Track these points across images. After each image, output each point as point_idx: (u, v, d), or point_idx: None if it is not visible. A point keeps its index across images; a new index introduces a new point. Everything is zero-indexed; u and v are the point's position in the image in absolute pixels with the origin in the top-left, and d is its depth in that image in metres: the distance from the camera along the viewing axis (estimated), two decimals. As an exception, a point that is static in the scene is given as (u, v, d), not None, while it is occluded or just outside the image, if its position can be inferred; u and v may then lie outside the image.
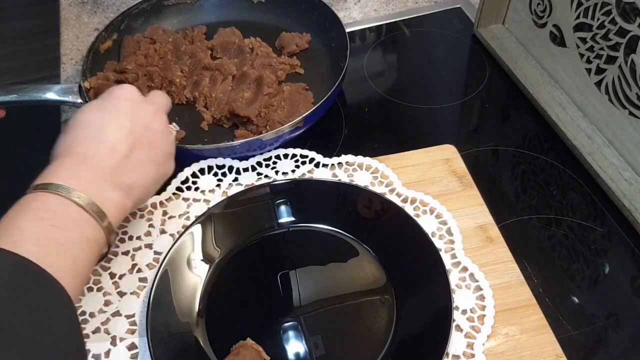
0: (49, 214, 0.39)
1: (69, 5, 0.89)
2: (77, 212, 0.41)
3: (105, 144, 0.46)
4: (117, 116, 0.48)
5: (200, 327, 0.50)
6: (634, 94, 0.57)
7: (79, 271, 0.40)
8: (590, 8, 0.60)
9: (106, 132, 0.47)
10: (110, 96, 0.50)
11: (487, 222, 0.57)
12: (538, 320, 0.50)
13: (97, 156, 0.45)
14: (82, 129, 0.47)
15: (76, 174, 0.43)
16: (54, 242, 0.38)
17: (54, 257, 0.38)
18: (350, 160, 0.62)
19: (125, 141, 0.47)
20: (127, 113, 0.49)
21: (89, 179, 0.43)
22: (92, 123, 0.47)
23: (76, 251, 0.40)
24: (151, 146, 0.49)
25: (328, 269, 0.54)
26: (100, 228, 0.43)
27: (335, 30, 0.73)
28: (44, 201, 0.40)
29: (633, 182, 0.59)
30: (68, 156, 0.45)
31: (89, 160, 0.45)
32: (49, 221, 0.39)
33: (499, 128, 0.70)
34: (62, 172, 0.43)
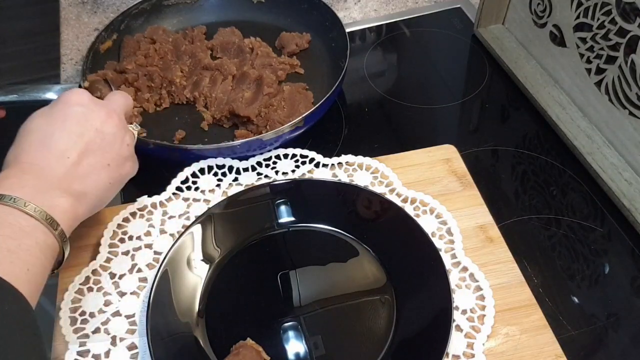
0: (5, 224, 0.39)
1: (69, 5, 0.89)
2: (26, 220, 0.41)
3: (52, 151, 0.45)
4: (64, 122, 0.47)
5: (200, 327, 0.50)
6: (634, 94, 0.57)
7: (33, 278, 0.39)
8: (590, 8, 0.60)
9: (53, 139, 0.46)
10: (59, 101, 0.49)
11: (487, 222, 0.57)
12: (538, 320, 0.50)
13: (43, 164, 0.44)
14: (28, 138, 0.46)
15: (23, 184, 0.42)
16: (4, 250, 0.38)
17: (7, 265, 0.37)
18: (350, 160, 0.62)
19: (75, 147, 0.46)
20: (76, 118, 0.47)
21: (36, 187, 0.43)
22: (38, 131, 0.47)
23: (29, 258, 0.39)
24: (104, 150, 0.48)
25: (328, 269, 0.54)
26: (52, 234, 0.42)
27: (335, 30, 0.73)
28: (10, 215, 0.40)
29: (633, 182, 0.59)
30: (15, 166, 0.44)
31: (35, 169, 0.44)
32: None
33: (499, 128, 0.70)
34: (7, 182, 0.42)
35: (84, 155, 0.47)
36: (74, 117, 0.48)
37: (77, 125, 0.47)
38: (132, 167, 0.53)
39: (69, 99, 0.49)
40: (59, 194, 0.44)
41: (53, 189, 0.44)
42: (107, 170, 0.48)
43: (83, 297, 0.52)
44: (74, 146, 0.46)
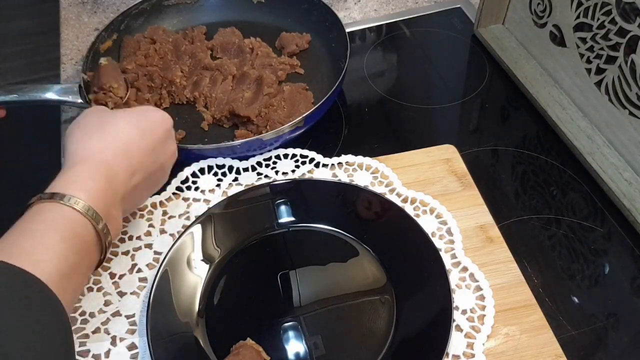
0: (72, 235, 0.39)
1: (69, 5, 0.89)
2: (93, 238, 0.41)
3: (129, 164, 0.46)
4: (149, 140, 0.47)
5: (200, 327, 0.50)
6: (634, 94, 0.57)
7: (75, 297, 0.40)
8: (590, 8, 0.60)
9: (134, 151, 0.46)
10: (147, 115, 0.49)
11: (487, 222, 0.57)
12: (538, 320, 0.50)
13: (118, 176, 0.45)
14: (113, 137, 0.46)
15: (101, 193, 0.42)
16: (70, 268, 0.38)
17: (66, 282, 0.37)
18: (350, 160, 0.62)
19: (142, 170, 0.47)
20: (158, 141, 0.48)
21: (110, 201, 0.43)
22: (123, 135, 0.46)
23: (81, 278, 0.40)
24: (157, 184, 0.50)
25: (328, 269, 0.54)
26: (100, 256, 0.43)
27: (335, 30, 0.73)
28: (69, 218, 0.40)
29: (633, 182, 0.59)
30: (94, 163, 0.44)
31: (113, 177, 0.44)
32: (72, 244, 0.39)
33: (499, 128, 0.70)
34: (87, 184, 0.42)
35: (144, 182, 0.48)
36: (157, 139, 0.48)
37: (154, 150, 0.48)
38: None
39: (155, 117, 0.49)
40: (119, 212, 0.44)
41: (117, 205, 0.44)
42: (146, 196, 0.51)
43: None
44: (146, 169, 0.47)
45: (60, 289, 0.36)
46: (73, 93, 0.66)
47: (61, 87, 0.66)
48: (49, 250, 0.37)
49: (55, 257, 0.37)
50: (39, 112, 0.72)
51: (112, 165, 0.44)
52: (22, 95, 0.64)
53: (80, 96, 0.66)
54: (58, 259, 0.37)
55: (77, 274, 0.39)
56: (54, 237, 0.38)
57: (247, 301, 0.52)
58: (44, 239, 0.38)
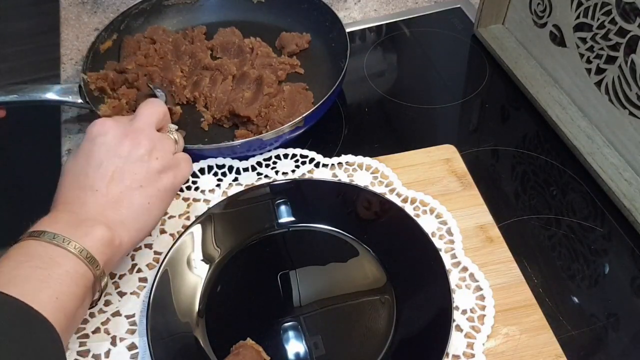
0: (27, 257, 0.40)
1: (69, 5, 0.89)
2: (53, 250, 0.41)
3: (82, 188, 0.46)
4: (89, 158, 0.48)
5: (200, 327, 0.50)
6: (634, 94, 0.57)
7: (64, 305, 0.40)
8: (590, 8, 0.60)
9: (81, 177, 0.47)
10: (86, 138, 0.49)
11: (487, 222, 0.57)
12: (538, 320, 0.50)
13: (76, 202, 0.46)
14: (63, 181, 0.48)
15: (57, 220, 0.44)
16: (35, 281, 0.39)
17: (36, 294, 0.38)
18: (350, 160, 0.62)
19: (101, 179, 0.47)
20: (98, 150, 0.48)
21: (69, 222, 0.44)
22: (70, 172, 0.48)
23: (59, 286, 0.40)
24: (131, 173, 0.48)
25: (328, 269, 0.54)
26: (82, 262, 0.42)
27: (335, 30, 0.73)
28: (23, 247, 0.41)
29: (633, 182, 0.59)
30: (52, 211, 0.46)
31: (68, 207, 0.45)
32: (28, 263, 0.40)
33: (499, 128, 0.70)
34: (42, 222, 0.44)
35: (112, 184, 0.47)
36: (97, 150, 0.48)
37: (100, 158, 0.48)
38: (175, 175, 0.51)
39: (91, 132, 0.49)
40: (91, 224, 0.44)
41: (85, 221, 0.44)
42: (140, 192, 0.48)
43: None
44: (101, 178, 0.47)
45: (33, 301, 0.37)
46: (73, 93, 0.66)
47: (61, 87, 0.66)
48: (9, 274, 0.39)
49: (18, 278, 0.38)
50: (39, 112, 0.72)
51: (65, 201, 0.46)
52: (22, 95, 0.64)
53: (80, 96, 0.66)
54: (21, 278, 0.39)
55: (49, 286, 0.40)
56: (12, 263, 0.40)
57: (247, 301, 0.52)
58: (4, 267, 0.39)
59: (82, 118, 0.71)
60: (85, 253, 0.42)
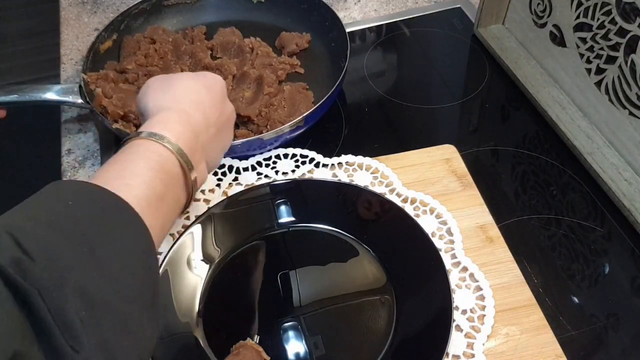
0: (159, 167, 0.41)
1: (69, 5, 0.89)
2: (179, 174, 0.43)
3: (204, 116, 0.47)
4: (214, 95, 0.49)
5: (200, 327, 0.50)
6: (634, 94, 0.57)
7: (165, 229, 0.42)
8: (590, 8, 0.60)
9: (205, 105, 0.48)
10: (208, 76, 0.51)
11: (487, 222, 0.57)
12: (538, 320, 0.50)
13: (198, 124, 0.46)
14: (184, 91, 0.48)
15: (185, 135, 0.44)
16: (156, 196, 0.40)
17: (153, 209, 0.39)
18: (350, 160, 0.62)
19: (217, 122, 0.49)
20: (222, 97, 0.50)
21: (193, 144, 0.45)
22: (193, 90, 0.48)
23: (168, 210, 0.42)
24: (228, 133, 0.52)
25: (328, 269, 0.54)
26: (187, 195, 0.44)
27: (335, 30, 0.73)
28: (159, 153, 0.42)
29: (633, 182, 0.59)
30: (176, 111, 0.46)
31: (193, 125, 0.46)
32: (158, 173, 0.40)
33: (499, 128, 0.70)
34: (175, 127, 0.44)
35: (219, 134, 0.50)
36: (221, 94, 0.50)
37: (221, 104, 0.50)
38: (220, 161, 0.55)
39: (211, 77, 0.51)
40: (202, 159, 0.46)
41: (200, 152, 0.46)
42: (221, 153, 0.52)
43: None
44: (217, 121, 0.49)
45: (148, 214, 0.38)
46: (73, 93, 0.66)
47: (61, 88, 0.66)
48: (137, 176, 0.39)
49: (143, 183, 0.39)
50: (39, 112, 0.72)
51: (191, 114, 0.46)
52: (22, 95, 0.64)
53: (80, 96, 0.66)
54: (146, 185, 0.39)
55: (163, 206, 0.41)
56: (143, 165, 0.40)
57: (247, 301, 0.52)
58: (133, 167, 0.40)
59: (82, 118, 0.71)
60: (195, 188, 0.45)
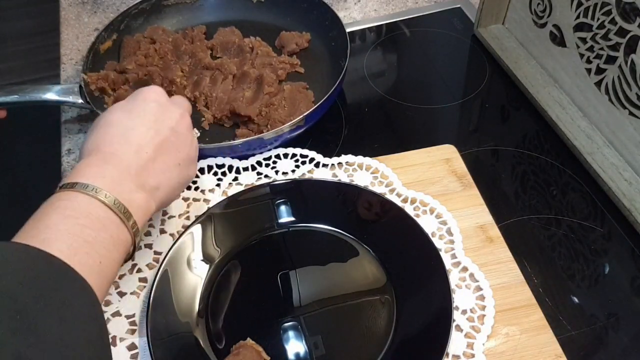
0: (76, 213, 0.39)
1: (69, 5, 0.89)
2: (104, 211, 0.41)
3: (131, 144, 0.46)
4: (143, 117, 0.48)
5: (200, 327, 0.50)
6: (634, 94, 0.57)
7: (105, 271, 0.40)
8: (590, 8, 0.60)
9: (133, 133, 0.47)
10: (137, 97, 0.50)
11: (487, 222, 0.57)
12: (538, 320, 0.50)
13: (123, 156, 0.45)
14: (108, 129, 0.47)
15: (103, 173, 0.43)
16: (81, 241, 0.38)
17: (82, 256, 0.38)
18: (350, 160, 0.62)
19: (152, 143, 0.47)
20: (154, 115, 0.48)
21: (115, 178, 0.43)
22: (119, 123, 0.47)
23: (103, 250, 0.40)
24: (177, 149, 0.49)
25: (328, 269, 0.54)
26: (126, 229, 0.43)
27: (335, 29, 0.73)
28: (71, 199, 0.40)
29: (633, 182, 0.59)
30: (95, 155, 0.45)
31: (115, 160, 0.45)
32: (76, 219, 0.39)
33: (499, 128, 0.70)
34: (88, 170, 0.43)
35: (159, 152, 0.47)
36: (151, 113, 0.48)
37: (155, 122, 0.48)
38: (195, 170, 0.53)
39: (146, 95, 0.50)
40: (135, 188, 0.44)
41: (130, 182, 0.44)
42: (178, 170, 0.49)
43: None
44: (151, 141, 0.47)
45: (78, 263, 0.36)
46: (73, 93, 0.66)
47: (61, 88, 0.66)
48: (53, 229, 0.38)
49: (61, 234, 0.37)
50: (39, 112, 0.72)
51: (113, 151, 0.45)
52: (23, 96, 0.64)
53: (80, 96, 0.66)
54: (65, 234, 0.38)
55: (96, 249, 0.39)
56: (56, 216, 0.39)
57: (247, 301, 0.52)
58: (47, 220, 0.38)
59: (82, 118, 0.71)
60: (132, 221, 0.43)
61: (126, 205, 0.42)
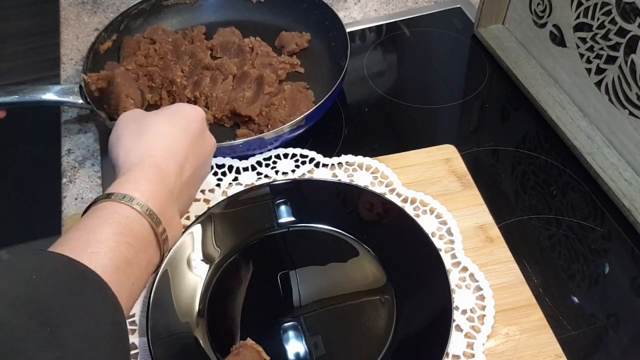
0: (126, 230, 0.39)
1: (69, 5, 0.89)
2: (149, 234, 0.41)
3: (177, 161, 0.45)
4: (187, 134, 0.47)
5: (200, 327, 0.50)
6: (634, 94, 0.57)
7: (134, 292, 0.40)
8: (590, 8, 0.60)
9: (178, 149, 0.46)
10: (180, 112, 0.48)
11: (487, 222, 0.57)
12: (538, 320, 0.50)
13: (169, 174, 0.44)
14: (158, 140, 0.46)
15: (155, 194, 0.42)
16: (125, 260, 0.38)
17: (121, 275, 0.38)
18: (350, 160, 0.62)
19: (192, 165, 0.47)
20: (196, 137, 0.48)
21: (164, 201, 0.43)
22: (167, 137, 0.46)
23: (137, 272, 0.40)
24: (202, 177, 0.50)
25: (328, 269, 0.54)
26: (160, 253, 0.43)
27: (335, 29, 0.74)
28: (126, 216, 0.40)
29: (633, 182, 0.59)
30: (149, 166, 0.44)
31: (163, 177, 0.44)
32: (126, 238, 0.39)
33: (499, 128, 0.70)
34: (145, 186, 0.42)
35: (194, 176, 0.48)
36: (194, 134, 0.48)
37: (195, 145, 0.48)
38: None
39: (189, 113, 0.49)
40: (175, 213, 0.44)
41: (173, 206, 0.44)
42: (195, 191, 0.50)
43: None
44: (191, 164, 0.47)
45: (116, 282, 0.36)
46: (73, 94, 0.66)
47: (61, 88, 0.66)
48: (103, 243, 0.38)
49: (110, 250, 0.37)
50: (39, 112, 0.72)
51: (163, 167, 0.44)
52: (23, 96, 0.64)
53: (80, 97, 0.66)
54: (113, 251, 0.37)
55: (133, 270, 0.39)
56: (109, 231, 0.38)
57: (247, 301, 0.52)
58: (99, 234, 0.38)
59: (82, 118, 0.71)
60: (166, 245, 0.43)
61: (167, 230, 0.43)
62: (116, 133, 0.47)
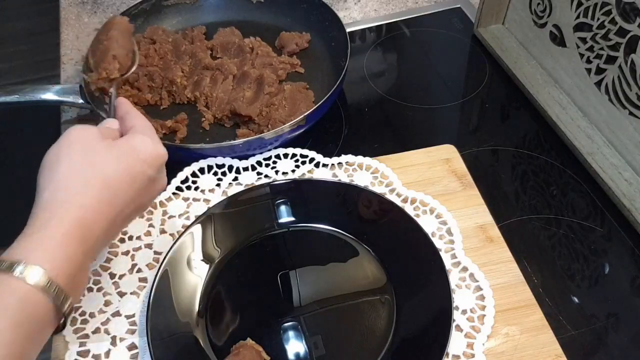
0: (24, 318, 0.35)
1: (69, 5, 0.89)
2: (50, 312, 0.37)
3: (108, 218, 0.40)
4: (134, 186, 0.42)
5: (200, 327, 0.50)
6: (634, 94, 0.57)
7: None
8: (590, 8, 0.60)
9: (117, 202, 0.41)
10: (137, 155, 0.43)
11: (487, 222, 0.57)
12: (538, 320, 0.50)
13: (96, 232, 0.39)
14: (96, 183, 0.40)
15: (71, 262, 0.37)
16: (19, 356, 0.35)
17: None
18: (350, 160, 0.62)
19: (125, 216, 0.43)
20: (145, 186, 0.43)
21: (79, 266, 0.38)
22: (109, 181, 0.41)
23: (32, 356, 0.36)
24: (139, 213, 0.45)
25: (328, 269, 0.54)
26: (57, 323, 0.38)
27: (335, 29, 0.74)
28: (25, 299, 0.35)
29: (633, 182, 0.59)
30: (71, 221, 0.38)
31: (88, 238, 0.39)
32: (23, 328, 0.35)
33: (499, 128, 0.70)
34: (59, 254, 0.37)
35: (125, 222, 0.43)
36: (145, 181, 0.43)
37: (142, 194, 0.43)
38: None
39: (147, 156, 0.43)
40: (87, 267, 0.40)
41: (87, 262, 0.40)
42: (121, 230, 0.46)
43: (83, 297, 0.52)
44: (127, 215, 0.43)
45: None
46: (73, 93, 0.66)
47: (61, 88, 0.66)
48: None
49: (3, 346, 0.34)
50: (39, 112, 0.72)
51: (90, 223, 0.39)
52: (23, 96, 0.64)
53: (80, 96, 0.66)
54: (7, 347, 0.34)
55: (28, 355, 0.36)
56: (3, 323, 0.34)
57: (247, 301, 0.52)
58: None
59: (82, 118, 0.71)
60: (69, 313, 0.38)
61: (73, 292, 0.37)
62: (57, 152, 0.42)
